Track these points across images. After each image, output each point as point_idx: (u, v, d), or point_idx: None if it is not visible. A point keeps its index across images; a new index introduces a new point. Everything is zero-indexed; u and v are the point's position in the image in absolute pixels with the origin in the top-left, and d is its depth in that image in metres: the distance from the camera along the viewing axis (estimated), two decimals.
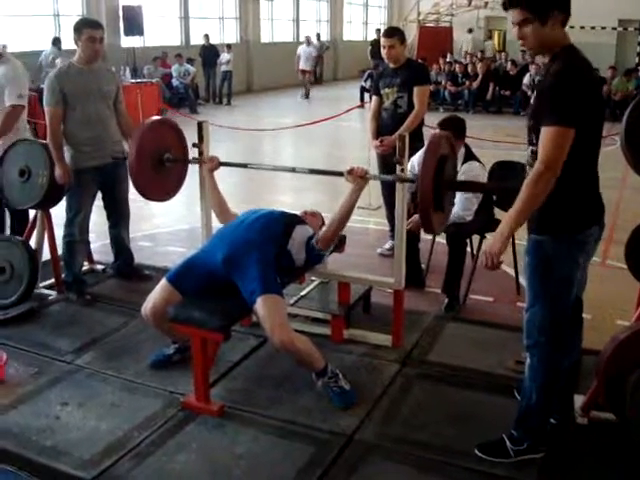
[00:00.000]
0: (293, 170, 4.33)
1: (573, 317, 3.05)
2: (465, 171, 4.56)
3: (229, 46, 18.71)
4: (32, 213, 5.04)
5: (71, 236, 4.83)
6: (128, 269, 5.28)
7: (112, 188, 4.94)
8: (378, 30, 22.30)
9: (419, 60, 5.77)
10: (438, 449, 3.14)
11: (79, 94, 4.63)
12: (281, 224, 3.68)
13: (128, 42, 16.59)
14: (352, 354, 4.00)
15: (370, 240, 6.34)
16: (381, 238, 6.19)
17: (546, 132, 2.62)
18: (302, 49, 20.22)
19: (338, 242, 4.20)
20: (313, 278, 4.46)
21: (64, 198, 4.83)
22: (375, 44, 20.30)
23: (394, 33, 5.47)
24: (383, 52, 5.47)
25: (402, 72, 5.42)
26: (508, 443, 3.07)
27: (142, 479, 2.95)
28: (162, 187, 4.32)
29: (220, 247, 3.56)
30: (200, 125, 4.20)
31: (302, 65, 19.99)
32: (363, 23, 29.43)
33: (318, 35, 23.41)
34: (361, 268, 4.83)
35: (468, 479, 2.96)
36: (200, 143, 4.19)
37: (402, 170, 3.70)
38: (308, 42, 20.53)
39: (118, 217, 5.12)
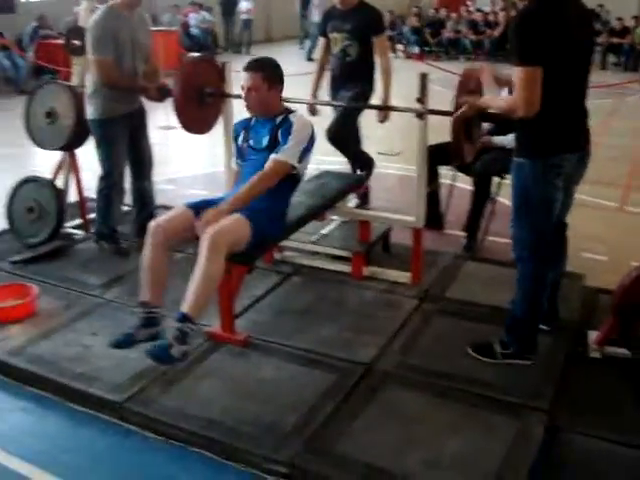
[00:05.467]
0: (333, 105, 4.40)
1: (557, 236, 3.34)
2: None
3: None
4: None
5: (109, 188, 4.65)
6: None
7: (138, 136, 4.73)
8: None
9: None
10: (454, 377, 3.25)
11: (121, 42, 4.36)
12: None
13: None
14: (371, 290, 4.11)
15: (389, 184, 6.41)
16: (400, 183, 6.24)
17: (515, 72, 2.88)
18: None
19: (356, 182, 4.30)
20: (334, 217, 4.55)
21: (96, 149, 4.65)
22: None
23: None
24: (337, 2, 5.05)
25: (353, 17, 4.97)
26: (497, 346, 3.35)
27: (171, 402, 3.09)
28: (203, 120, 4.34)
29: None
30: (223, 65, 4.28)
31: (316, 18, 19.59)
32: None
33: None
34: (381, 210, 4.91)
35: (482, 405, 3.07)
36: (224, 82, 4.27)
37: (422, 107, 3.75)
38: None
39: (143, 167, 4.85)
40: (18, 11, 13.95)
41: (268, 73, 3.51)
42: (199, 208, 3.37)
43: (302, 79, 5.19)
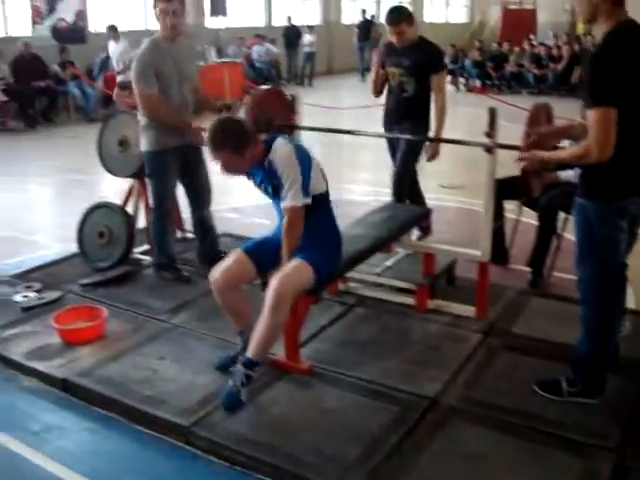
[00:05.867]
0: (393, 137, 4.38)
1: (620, 276, 3.25)
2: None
3: (311, 27, 18.86)
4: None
5: (161, 219, 4.73)
6: (213, 254, 4.78)
7: (193, 166, 4.74)
8: (364, 11, 20.77)
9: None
10: (520, 414, 3.20)
11: (165, 74, 4.41)
12: None
13: (213, 23, 16.91)
14: (436, 323, 4.09)
15: (451, 217, 6.39)
16: (462, 216, 6.22)
17: (588, 115, 2.81)
18: None
19: (423, 215, 4.32)
20: (399, 249, 4.56)
21: (148, 179, 4.77)
22: (362, 27, 19.79)
23: (400, 19, 4.91)
24: (392, 39, 4.98)
25: (412, 53, 4.91)
26: (564, 384, 3.28)
27: (236, 428, 3.11)
28: None
29: None
30: (293, 98, 4.36)
31: None
32: (445, 5, 29.08)
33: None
34: (443, 242, 4.90)
35: (548, 443, 3.01)
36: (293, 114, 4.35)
37: (491, 141, 3.76)
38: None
39: (200, 196, 4.87)
40: (89, 42, 14.43)
41: (234, 144, 3.23)
42: (255, 252, 3.47)
43: (361, 112, 5.22)
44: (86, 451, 3.14)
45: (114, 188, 6.28)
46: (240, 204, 6.94)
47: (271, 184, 3.37)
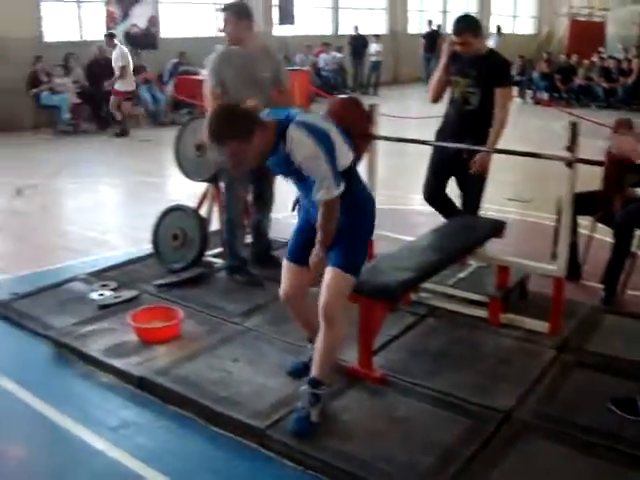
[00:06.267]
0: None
1: None
2: None
3: (377, 36, 18.90)
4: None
5: (230, 224, 4.88)
6: (265, 256, 5.17)
7: (262, 174, 4.71)
8: (430, 21, 20.67)
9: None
10: (595, 432, 3.16)
11: (229, 78, 4.58)
12: None
13: (281, 31, 17.08)
14: (508, 337, 4.06)
15: (518, 231, 6.32)
16: (532, 229, 6.16)
17: None
18: None
19: (497, 228, 4.30)
20: (472, 261, 4.55)
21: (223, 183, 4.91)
22: (428, 38, 19.61)
23: (465, 28, 4.68)
24: (457, 48, 4.73)
25: (479, 64, 4.67)
26: None
27: (310, 432, 3.14)
28: None
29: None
30: (371, 107, 4.39)
31: None
32: (512, 16, 28.82)
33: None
34: (513, 256, 4.86)
35: (623, 462, 2.97)
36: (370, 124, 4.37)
37: (572, 155, 3.72)
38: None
39: (264, 203, 5.05)
40: (160, 47, 14.72)
41: (241, 133, 2.91)
42: (298, 255, 3.36)
43: (426, 122, 5.14)
44: (162, 449, 3.20)
45: (184, 191, 6.42)
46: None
47: (295, 174, 3.10)
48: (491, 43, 17.66)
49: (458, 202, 4.94)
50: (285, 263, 3.44)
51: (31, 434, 3.43)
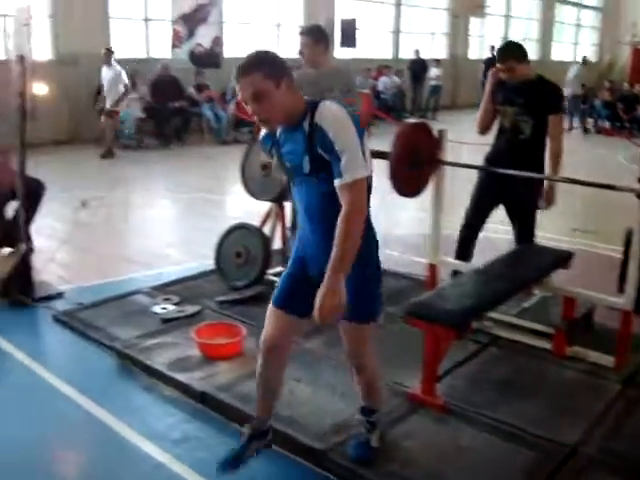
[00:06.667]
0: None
1: None
2: None
3: (437, 61, 18.92)
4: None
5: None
6: None
7: None
8: (492, 47, 20.01)
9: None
10: None
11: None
12: None
13: (342, 53, 17.21)
14: (573, 370, 4.00)
15: (584, 262, 6.22)
16: (598, 261, 6.06)
17: None
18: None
19: (564, 258, 4.24)
20: (536, 292, 4.49)
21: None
22: (488, 63, 19.42)
23: (508, 55, 4.58)
24: (502, 76, 4.64)
25: (528, 90, 4.54)
26: None
27: (370, 457, 3.12)
28: (414, 184, 4.47)
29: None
30: (440, 133, 4.39)
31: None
32: (573, 43, 28.55)
33: None
34: (578, 287, 4.79)
35: None
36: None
37: None
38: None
39: None
40: (223, 67, 14.95)
41: (268, 69, 2.59)
42: (286, 302, 2.93)
43: (481, 148, 5.07)
44: None
45: (243, 209, 6.49)
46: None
47: (312, 156, 2.63)
48: (572, 73, 17.32)
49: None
50: (271, 308, 2.99)
51: (92, 442, 3.51)
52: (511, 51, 4.62)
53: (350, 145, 2.57)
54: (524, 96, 4.54)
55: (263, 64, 2.60)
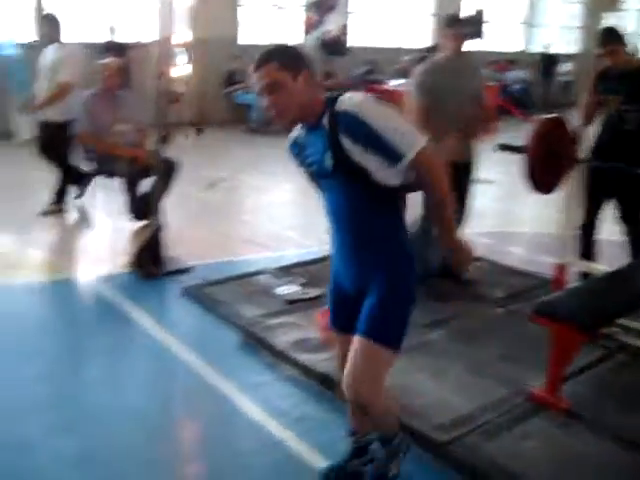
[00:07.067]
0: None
1: None
2: None
3: (569, 56, 18.31)
4: None
5: (424, 231, 4.68)
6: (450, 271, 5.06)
7: (461, 186, 4.74)
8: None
9: None
10: None
11: (438, 89, 4.60)
12: None
13: (468, 45, 16.95)
14: None
15: None
16: None
17: None
18: None
19: None
20: None
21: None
22: (544, 60, 18.47)
23: (611, 38, 4.54)
24: (607, 61, 4.60)
25: (632, 78, 4.46)
26: None
27: (491, 454, 3.10)
28: (549, 180, 4.38)
29: None
30: (577, 129, 4.29)
31: None
32: None
33: None
34: None
35: None
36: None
37: None
38: None
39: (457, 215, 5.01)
40: (349, 55, 15.01)
41: (285, 59, 2.47)
42: (341, 322, 2.84)
43: None
44: (343, 447, 3.27)
45: None
46: (494, 229, 6.84)
47: (332, 150, 2.50)
48: None
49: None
50: (335, 336, 2.90)
51: (213, 414, 3.63)
52: (614, 34, 4.57)
53: (392, 121, 2.44)
54: (628, 84, 4.45)
55: (279, 55, 2.49)
